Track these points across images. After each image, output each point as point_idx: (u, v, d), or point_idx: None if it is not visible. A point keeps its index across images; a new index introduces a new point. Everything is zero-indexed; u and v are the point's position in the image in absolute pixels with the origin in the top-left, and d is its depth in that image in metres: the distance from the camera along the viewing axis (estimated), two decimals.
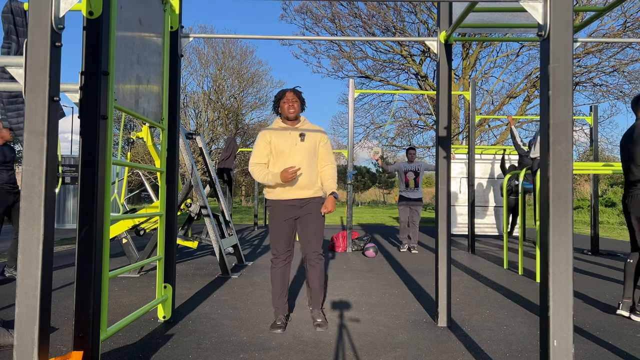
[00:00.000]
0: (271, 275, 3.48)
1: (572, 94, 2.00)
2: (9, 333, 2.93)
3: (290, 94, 3.42)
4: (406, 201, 7.93)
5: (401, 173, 8.00)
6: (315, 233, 3.42)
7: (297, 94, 3.45)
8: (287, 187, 3.37)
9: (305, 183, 3.38)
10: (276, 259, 3.44)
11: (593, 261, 7.19)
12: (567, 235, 1.97)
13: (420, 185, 7.92)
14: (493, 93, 21.39)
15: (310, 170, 3.40)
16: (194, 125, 30.39)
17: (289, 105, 3.40)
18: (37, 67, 2.01)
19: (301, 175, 3.36)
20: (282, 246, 3.41)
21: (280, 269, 3.44)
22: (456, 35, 3.54)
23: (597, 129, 8.33)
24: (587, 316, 3.85)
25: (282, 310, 3.47)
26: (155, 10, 3.17)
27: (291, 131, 3.43)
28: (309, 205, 3.42)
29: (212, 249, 7.90)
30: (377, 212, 27.41)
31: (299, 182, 3.36)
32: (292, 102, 3.41)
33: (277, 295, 3.47)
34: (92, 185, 2.30)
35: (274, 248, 3.44)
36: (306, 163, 3.37)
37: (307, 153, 3.39)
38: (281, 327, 3.34)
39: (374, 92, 16.43)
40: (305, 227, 3.43)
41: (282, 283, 3.46)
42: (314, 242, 3.43)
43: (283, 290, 3.47)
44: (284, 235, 3.41)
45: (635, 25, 16.99)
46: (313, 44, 21.89)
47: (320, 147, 3.47)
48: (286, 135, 3.41)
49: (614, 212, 19.25)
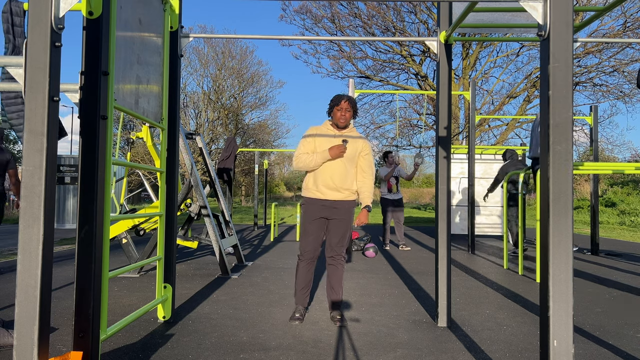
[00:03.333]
0: (297, 269, 3.65)
1: (572, 94, 2.00)
2: (9, 333, 2.93)
3: (346, 103, 3.51)
4: (391, 203, 8.39)
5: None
6: (342, 237, 3.57)
7: (352, 104, 3.55)
8: (323, 187, 3.51)
9: (340, 186, 3.50)
10: (303, 256, 3.58)
11: (593, 261, 7.20)
12: (567, 235, 1.97)
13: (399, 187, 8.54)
14: (493, 93, 21.41)
15: (347, 174, 3.52)
16: (194, 125, 30.38)
17: (342, 114, 3.52)
18: (37, 67, 2.01)
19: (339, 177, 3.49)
20: (311, 244, 3.55)
21: (307, 265, 3.59)
22: (456, 35, 3.54)
23: (597, 129, 8.33)
24: (587, 316, 3.85)
25: (302, 302, 3.62)
26: (155, 10, 3.17)
27: (336, 135, 3.56)
28: (341, 207, 3.54)
29: (212, 249, 7.90)
30: (377, 212, 27.41)
31: (335, 184, 3.49)
32: (345, 111, 3.52)
33: (300, 289, 3.62)
34: (92, 185, 2.30)
35: (303, 245, 3.58)
36: (343, 168, 3.51)
37: (346, 159, 3.52)
38: (299, 319, 3.53)
39: (374, 92, 16.45)
40: (335, 228, 3.56)
41: (306, 278, 3.61)
42: (339, 245, 3.58)
43: (306, 285, 3.62)
44: (314, 233, 3.55)
45: (635, 25, 16.99)
46: (313, 44, 21.91)
47: (361, 157, 3.60)
48: (331, 140, 3.55)
49: (614, 212, 19.25)
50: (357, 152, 3.58)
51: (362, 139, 3.62)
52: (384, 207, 8.43)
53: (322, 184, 3.50)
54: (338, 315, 3.55)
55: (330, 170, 3.49)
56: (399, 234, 8.44)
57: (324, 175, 3.49)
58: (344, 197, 3.54)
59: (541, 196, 2.04)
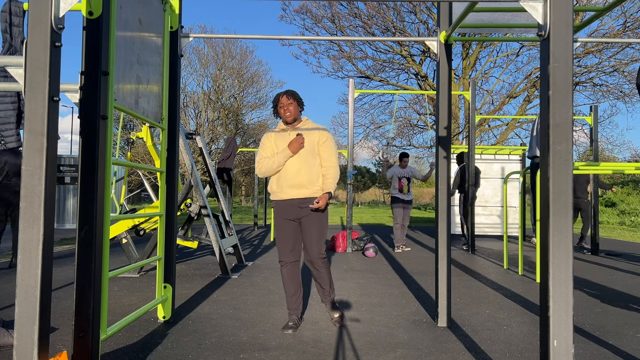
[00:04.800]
0: (282, 276, 3.49)
1: (572, 94, 2.00)
2: (9, 333, 2.93)
3: (284, 98, 3.42)
4: (402, 202, 8.31)
5: (395, 179, 8.33)
6: (317, 236, 3.38)
7: (292, 96, 3.44)
8: (286, 187, 3.38)
9: (304, 182, 3.35)
10: (283, 261, 3.44)
11: (593, 261, 7.20)
12: (567, 235, 1.97)
13: (411, 188, 8.48)
14: (493, 93, 21.41)
15: (309, 169, 3.36)
16: (194, 125, 30.37)
17: (285, 110, 3.42)
18: (37, 67, 2.01)
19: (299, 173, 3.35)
20: (287, 248, 3.41)
21: (290, 269, 3.44)
22: (456, 35, 3.54)
23: (597, 129, 8.33)
24: (587, 316, 3.85)
25: (295, 311, 3.45)
26: (155, 10, 3.17)
27: (290, 131, 3.47)
28: (309, 205, 3.37)
29: (212, 249, 7.90)
30: (377, 212, 27.40)
31: (298, 181, 3.35)
32: (287, 106, 3.41)
33: (290, 295, 3.46)
34: (91, 185, 2.30)
35: (278, 248, 3.46)
36: (304, 162, 3.36)
37: (305, 152, 3.37)
38: (292, 327, 3.34)
39: (374, 92, 16.45)
40: (307, 229, 3.38)
41: (292, 283, 3.45)
42: (316, 246, 3.38)
43: (295, 291, 3.45)
44: (288, 236, 3.41)
45: (635, 25, 17.00)
46: (313, 44, 21.91)
47: (320, 146, 3.43)
48: (284, 136, 3.45)
49: (614, 212, 19.25)
50: (315, 143, 3.42)
51: (319, 130, 3.47)
52: (394, 206, 8.35)
53: (286, 184, 3.37)
54: (337, 315, 3.52)
55: (292, 168, 3.35)
56: (403, 236, 8.40)
57: (287, 174, 3.37)
58: (311, 194, 3.37)
59: (541, 196, 2.04)
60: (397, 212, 8.25)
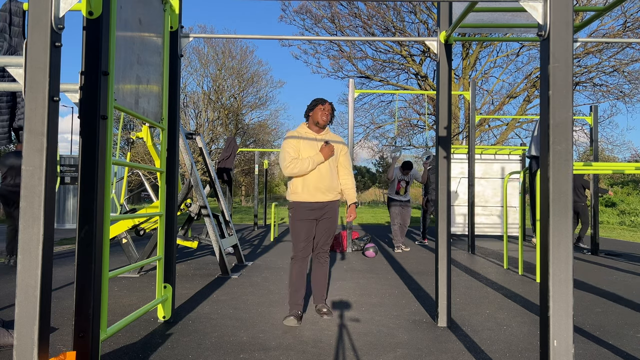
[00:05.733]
0: (291, 270, 3.69)
1: (572, 94, 2.00)
2: (9, 333, 2.93)
3: (328, 106, 3.71)
4: (399, 203, 8.34)
5: (396, 180, 8.35)
6: (329, 234, 3.70)
7: (333, 109, 3.76)
8: (313, 190, 3.60)
9: (327, 187, 3.62)
10: (297, 256, 3.65)
11: (593, 261, 7.20)
12: (567, 235, 1.97)
13: (409, 190, 8.49)
14: (493, 93, 21.41)
15: (332, 175, 3.65)
16: (194, 125, 30.37)
17: (323, 113, 3.66)
18: (37, 67, 2.01)
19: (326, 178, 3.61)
20: (304, 244, 3.62)
21: (299, 264, 3.64)
22: (456, 35, 3.54)
23: (597, 129, 8.33)
24: (587, 316, 3.85)
25: (297, 307, 3.61)
26: (155, 10, 3.17)
27: (317, 138, 3.69)
28: (328, 208, 3.66)
29: (212, 249, 7.90)
30: (377, 212, 27.40)
31: (325, 186, 3.60)
32: (328, 112, 3.69)
33: (295, 290, 3.64)
34: (92, 185, 2.30)
35: (296, 247, 3.65)
36: (329, 169, 3.64)
37: (330, 160, 3.65)
38: (296, 317, 3.50)
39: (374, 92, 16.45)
40: (323, 227, 3.67)
41: (301, 278, 3.64)
42: (325, 242, 3.72)
43: (302, 286, 3.64)
44: (306, 235, 3.61)
45: (635, 25, 17.00)
46: (313, 44, 21.92)
47: (341, 156, 3.78)
48: (312, 143, 3.66)
49: (614, 212, 19.25)
50: (338, 152, 3.76)
51: (340, 139, 3.84)
52: (390, 208, 8.44)
53: (313, 187, 3.59)
54: (324, 309, 3.70)
55: (319, 172, 3.60)
56: (402, 236, 8.43)
57: (314, 178, 3.59)
58: (332, 198, 3.68)
59: (541, 196, 2.04)
60: (394, 214, 8.31)
